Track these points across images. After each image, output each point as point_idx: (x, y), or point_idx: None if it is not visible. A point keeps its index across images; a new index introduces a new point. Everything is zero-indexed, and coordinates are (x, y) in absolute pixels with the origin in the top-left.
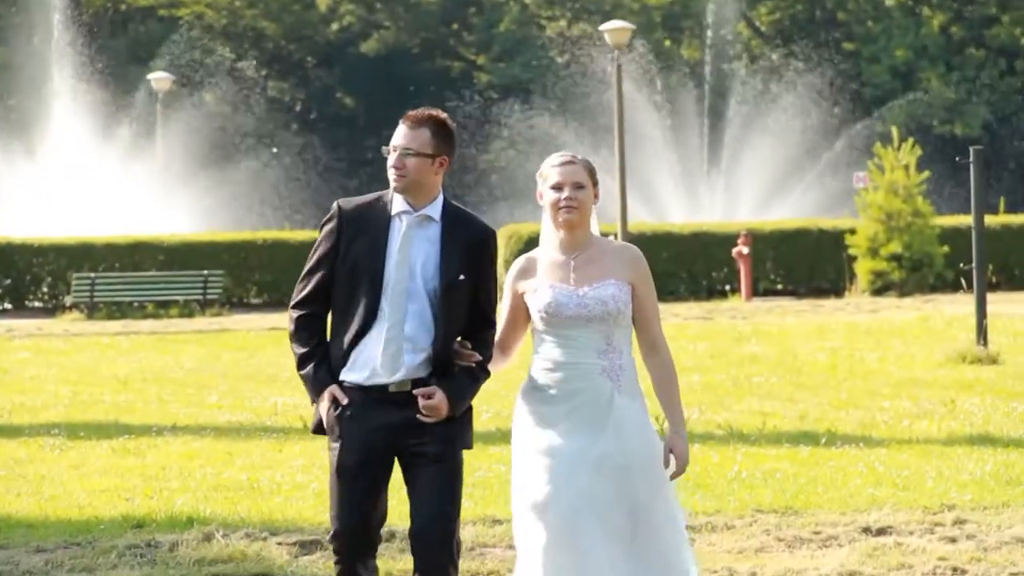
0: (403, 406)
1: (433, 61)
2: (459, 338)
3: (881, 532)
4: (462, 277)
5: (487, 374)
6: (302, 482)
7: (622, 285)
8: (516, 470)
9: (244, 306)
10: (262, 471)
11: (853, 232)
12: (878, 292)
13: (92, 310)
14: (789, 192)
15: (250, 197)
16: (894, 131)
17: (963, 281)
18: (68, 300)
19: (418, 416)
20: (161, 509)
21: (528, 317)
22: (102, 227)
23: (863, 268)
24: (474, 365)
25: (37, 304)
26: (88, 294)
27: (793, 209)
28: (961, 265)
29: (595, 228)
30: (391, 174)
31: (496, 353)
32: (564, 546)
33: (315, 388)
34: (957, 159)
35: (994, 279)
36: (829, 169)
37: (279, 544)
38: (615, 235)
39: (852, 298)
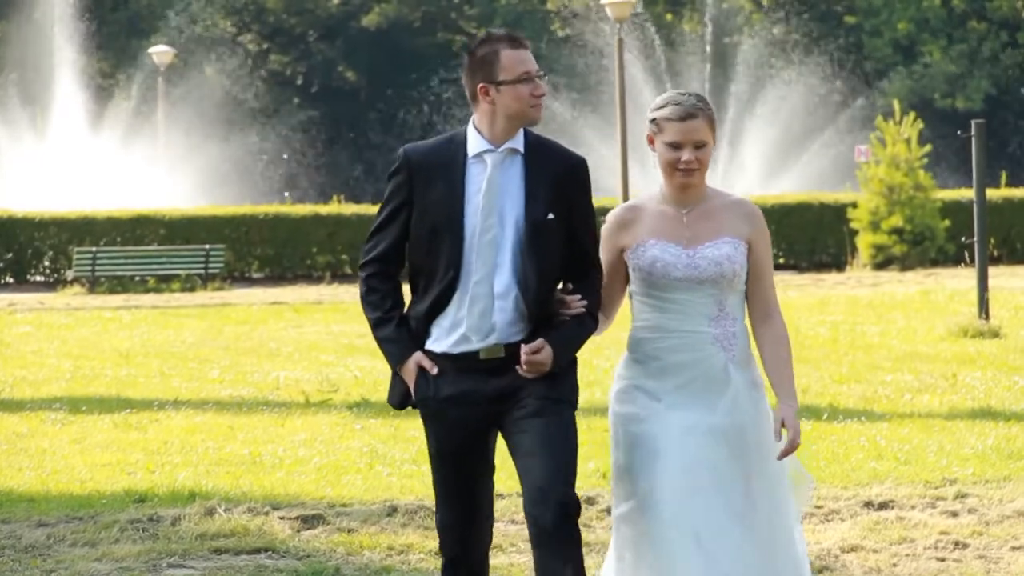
0: (498, 374)
1: (434, 35)
2: (559, 284)
3: (883, 506)
4: (551, 216)
5: (595, 322)
6: (304, 456)
7: (738, 244)
8: (617, 454)
9: (245, 280)
10: (264, 446)
11: (855, 206)
12: (880, 266)
13: (94, 284)
14: (790, 166)
15: (252, 171)
16: (896, 104)
17: (965, 255)
18: (70, 274)
19: (519, 370)
20: (163, 483)
21: (627, 277)
22: (103, 201)
23: (864, 242)
24: (580, 311)
25: (39, 278)
26: (90, 268)
27: (794, 183)
28: (963, 239)
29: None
30: (531, 103)
31: None
32: (676, 531)
33: (397, 355)
34: (959, 132)
35: (995, 253)
36: (830, 143)
37: (281, 519)
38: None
39: (853, 272)
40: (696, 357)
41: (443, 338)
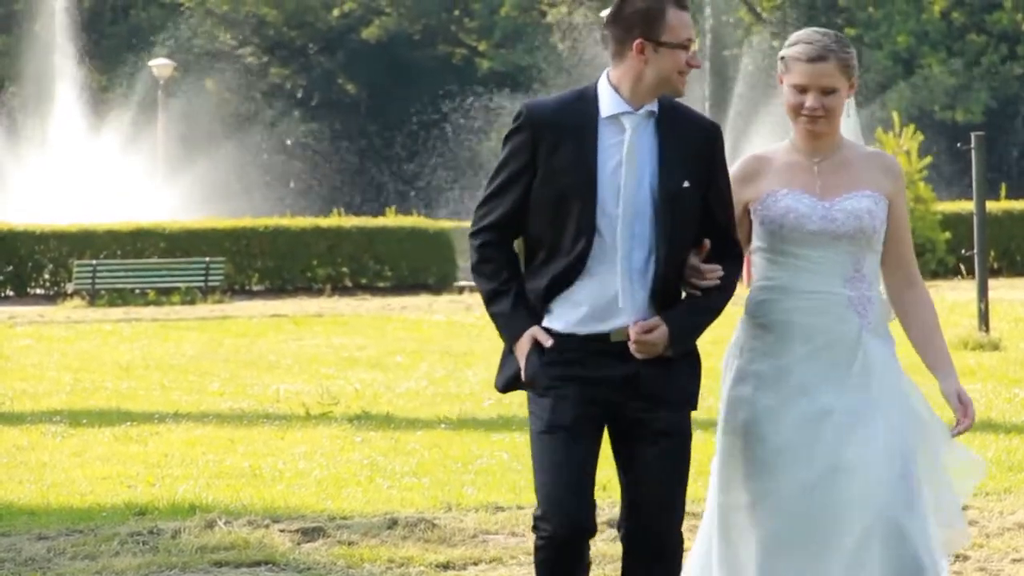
0: (624, 359)
1: (435, 47)
2: (696, 254)
3: None
4: (687, 184)
5: (726, 299)
6: (304, 469)
7: (878, 198)
8: (731, 440)
9: (245, 293)
10: (264, 458)
11: None
12: None
13: (94, 297)
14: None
15: (252, 184)
16: (895, 117)
17: (963, 267)
18: (70, 287)
19: (631, 348)
20: (163, 496)
21: (750, 236)
22: (103, 214)
23: None
24: (713, 284)
25: (39, 291)
26: (90, 281)
27: None
28: (963, 251)
29: (849, 130)
30: (683, 72)
31: None
32: (803, 545)
33: (512, 329)
34: (959, 145)
35: (995, 265)
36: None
37: (281, 531)
38: None
39: None
40: (827, 321)
41: (566, 316)
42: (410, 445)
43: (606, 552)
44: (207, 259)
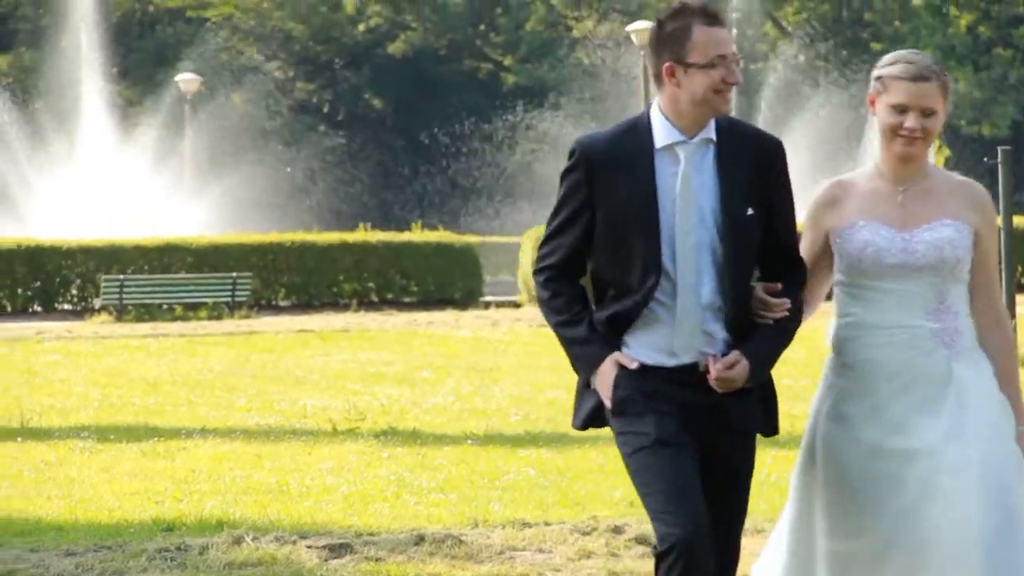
0: (705, 389)
1: (460, 62)
2: (760, 282)
3: None
4: (751, 211)
5: (797, 327)
6: (331, 485)
7: (962, 228)
8: (830, 490)
9: (272, 308)
10: (291, 474)
11: None
12: None
13: (121, 312)
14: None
15: (278, 199)
16: None
17: None
18: (97, 303)
19: (712, 382)
20: (191, 512)
21: (832, 263)
22: (131, 229)
23: None
24: (783, 316)
25: (67, 306)
26: (117, 296)
27: None
28: None
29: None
30: (720, 91)
31: None
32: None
33: (589, 358)
34: (985, 159)
35: (1022, 280)
36: (857, 169)
37: (309, 547)
38: None
39: None
40: (912, 356)
41: (640, 351)
42: (437, 461)
43: (634, 569)
44: (234, 274)
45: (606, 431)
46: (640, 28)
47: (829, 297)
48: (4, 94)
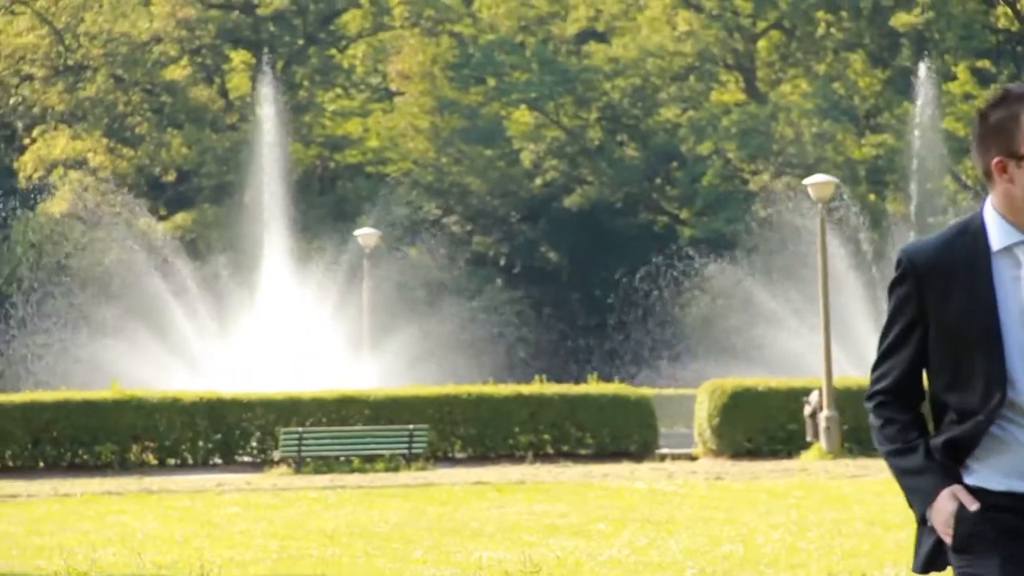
0: None
1: (636, 216)
2: None
3: None
4: None
5: None
6: None
7: None
8: None
9: (449, 460)
10: None
11: None
12: None
13: (300, 464)
14: None
15: (455, 351)
16: None
17: None
18: (276, 455)
19: None
20: None
21: None
22: (309, 381)
23: None
24: None
25: (246, 458)
26: (296, 448)
27: None
28: None
29: None
30: None
31: None
32: None
33: (923, 493)
34: None
35: None
36: None
37: None
38: (819, 390)
39: None
40: None
41: (983, 476)
42: None
43: None
44: (411, 426)
45: None
46: (817, 182)
47: None
48: (187, 249)
